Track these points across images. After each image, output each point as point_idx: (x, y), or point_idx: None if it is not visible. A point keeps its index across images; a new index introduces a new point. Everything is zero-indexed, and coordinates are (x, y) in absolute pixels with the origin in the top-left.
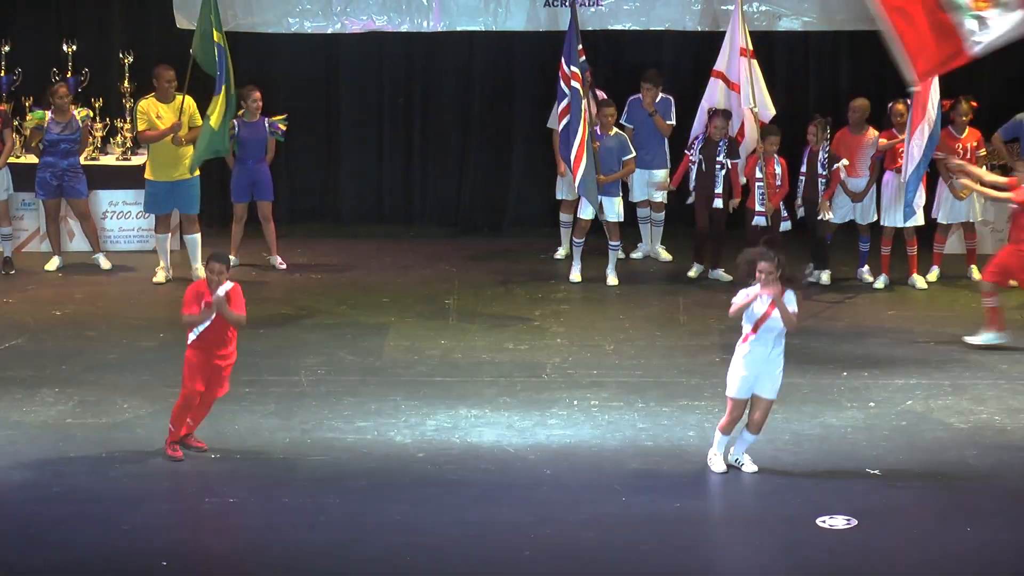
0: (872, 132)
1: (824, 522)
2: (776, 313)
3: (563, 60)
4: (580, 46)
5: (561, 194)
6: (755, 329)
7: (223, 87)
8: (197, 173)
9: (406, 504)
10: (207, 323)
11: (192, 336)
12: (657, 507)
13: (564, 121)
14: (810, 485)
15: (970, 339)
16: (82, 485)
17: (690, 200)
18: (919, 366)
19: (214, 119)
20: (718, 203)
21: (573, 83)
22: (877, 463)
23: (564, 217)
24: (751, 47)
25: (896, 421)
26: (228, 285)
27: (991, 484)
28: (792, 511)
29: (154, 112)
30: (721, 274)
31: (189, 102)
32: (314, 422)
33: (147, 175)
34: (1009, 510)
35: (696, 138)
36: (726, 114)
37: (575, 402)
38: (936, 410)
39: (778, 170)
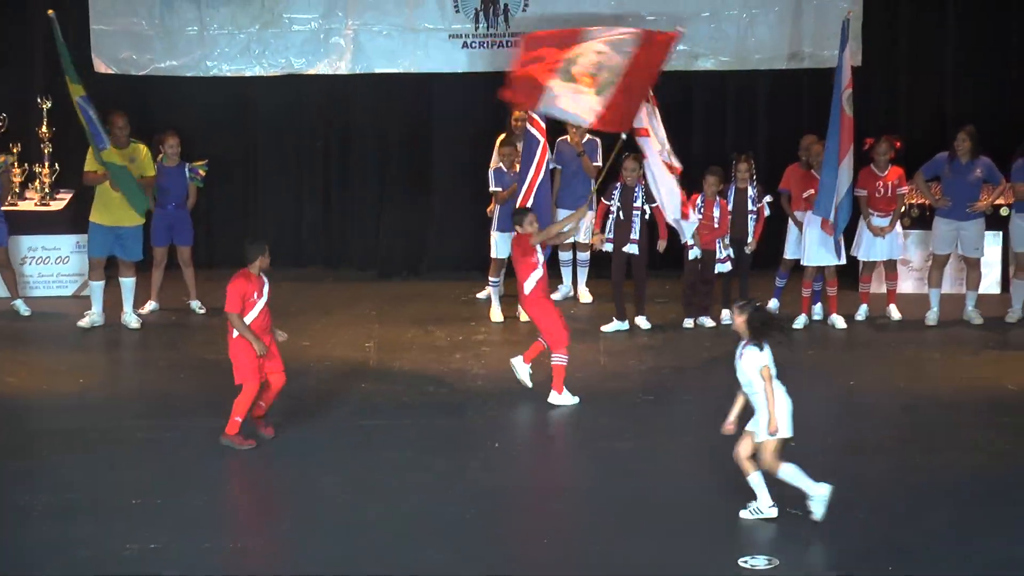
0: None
1: (746, 562)
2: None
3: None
4: None
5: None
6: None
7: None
8: (141, 221)
9: (329, 547)
10: (260, 307)
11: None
12: (581, 549)
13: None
14: (731, 525)
15: None
16: (2, 533)
17: (608, 248)
18: (840, 405)
19: (121, 162)
20: (632, 248)
21: (533, 129)
22: (797, 503)
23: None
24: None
25: (818, 459)
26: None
27: (914, 522)
28: (713, 552)
29: (104, 156)
30: (643, 321)
31: (142, 150)
32: (236, 465)
33: (91, 218)
34: (933, 547)
35: (614, 185)
36: (636, 158)
37: (497, 444)
38: (858, 448)
39: (716, 213)
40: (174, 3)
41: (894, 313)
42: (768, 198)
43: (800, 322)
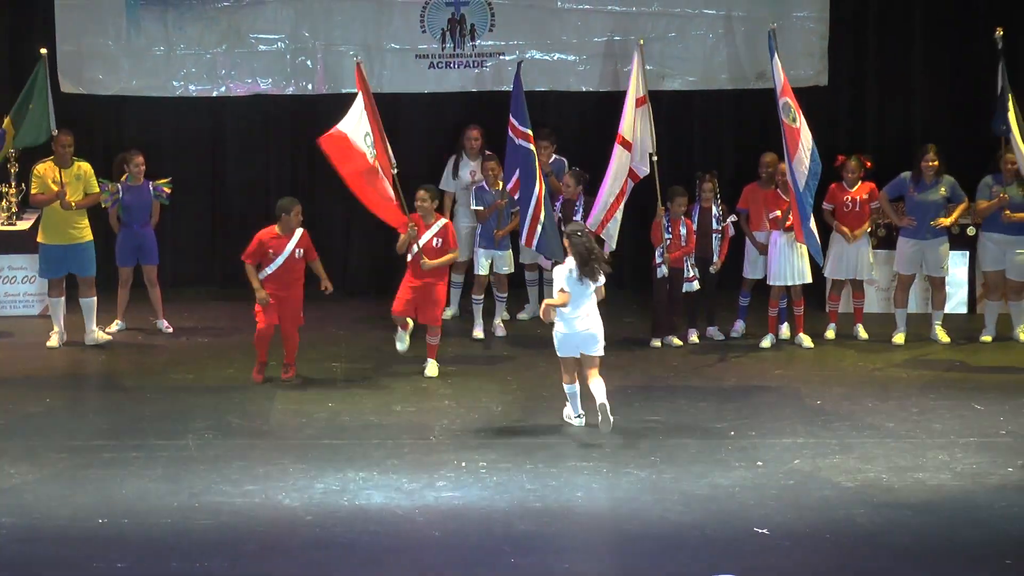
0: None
1: None
2: None
3: (512, 118)
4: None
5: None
6: None
7: None
8: (90, 238)
9: (295, 567)
10: (279, 264)
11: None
12: (547, 568)
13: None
14: (699, 544)
15: None
16: None
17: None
18: (806, 425)
19: None
20: None
21: (522, 141)
22: (765, 522)
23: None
24: (645, 94)
25: (784, 480)
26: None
27: (879, 542)
28: (680, 570)
29: (50, 176)
30: None
31: (85, 168)
32: (202, 486)
33: (40, 239)
34: (897, 569)
35: (558, 199)
36: (576, 173)
37: (463, 464)
38: (823, 469)
39: (683, 231)
40: (141, 23)
41: (861, 333)
42: (733, 217)
43: (767, 341)
